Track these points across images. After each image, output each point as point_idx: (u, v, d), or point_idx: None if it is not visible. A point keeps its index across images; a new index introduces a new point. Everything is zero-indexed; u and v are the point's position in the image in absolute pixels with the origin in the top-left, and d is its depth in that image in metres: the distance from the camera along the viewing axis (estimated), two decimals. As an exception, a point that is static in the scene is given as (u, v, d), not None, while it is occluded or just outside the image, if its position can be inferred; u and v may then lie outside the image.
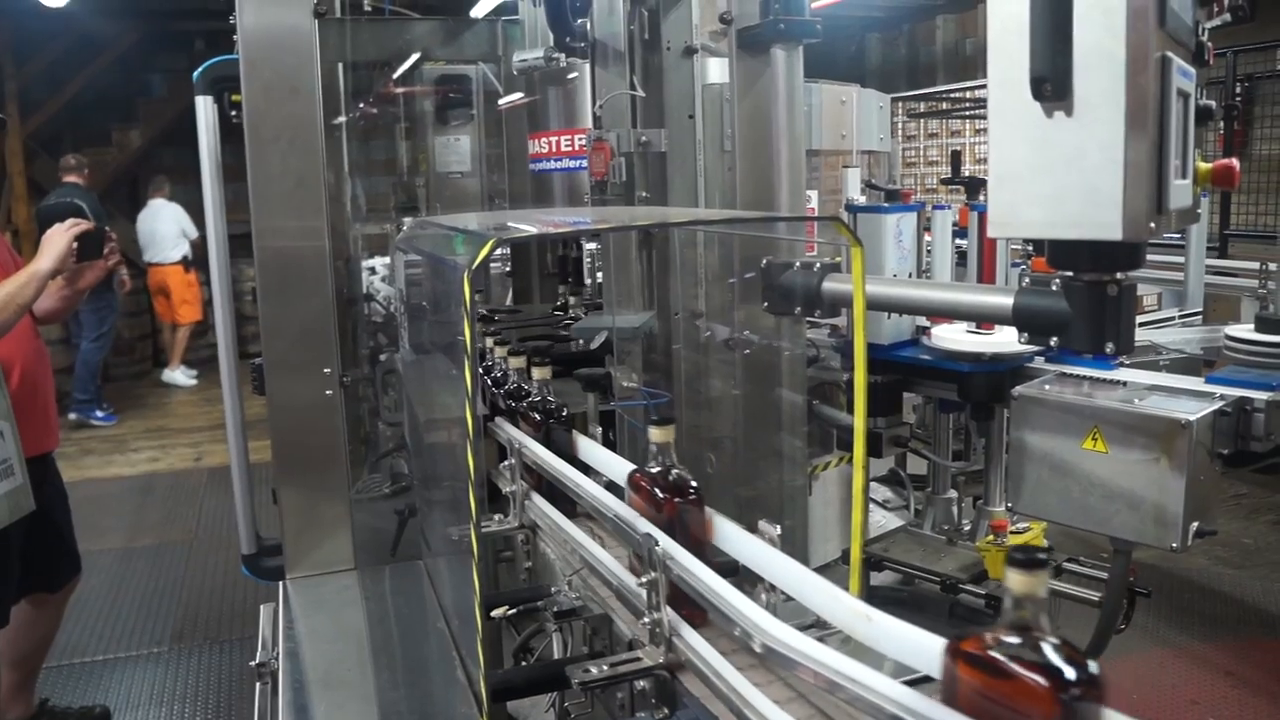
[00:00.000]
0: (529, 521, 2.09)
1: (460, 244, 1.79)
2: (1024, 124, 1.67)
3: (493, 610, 1.82)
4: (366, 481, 3.77)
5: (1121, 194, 1.59)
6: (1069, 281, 1.85)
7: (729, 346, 2.93)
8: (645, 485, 1.58)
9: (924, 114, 10.68)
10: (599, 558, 1.73)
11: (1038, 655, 0.86)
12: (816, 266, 2.61)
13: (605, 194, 3.01)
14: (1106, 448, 2.01)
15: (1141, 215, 1.60)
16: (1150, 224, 1.62)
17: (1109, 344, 1.80)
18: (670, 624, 1.44)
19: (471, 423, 1.39)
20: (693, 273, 3.07)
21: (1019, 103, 1.67)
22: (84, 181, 7.99)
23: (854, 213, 2.99)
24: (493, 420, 2.30)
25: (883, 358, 2.84)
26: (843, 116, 3.54)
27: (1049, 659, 0.85)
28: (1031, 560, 0.87)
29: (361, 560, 2.81)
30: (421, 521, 2.68)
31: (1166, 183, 1.63)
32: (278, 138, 2.61)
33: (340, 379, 2.73)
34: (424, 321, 2.26)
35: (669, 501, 1.53)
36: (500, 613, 1.83)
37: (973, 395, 2.67)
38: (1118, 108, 1.57)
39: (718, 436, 2.97)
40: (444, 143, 5.13)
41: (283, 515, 2.76)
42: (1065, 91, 1.61)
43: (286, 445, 2.73)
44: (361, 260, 4.81)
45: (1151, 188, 1.61)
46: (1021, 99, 1.66)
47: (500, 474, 2.21)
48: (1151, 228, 1.62)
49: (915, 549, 2.93)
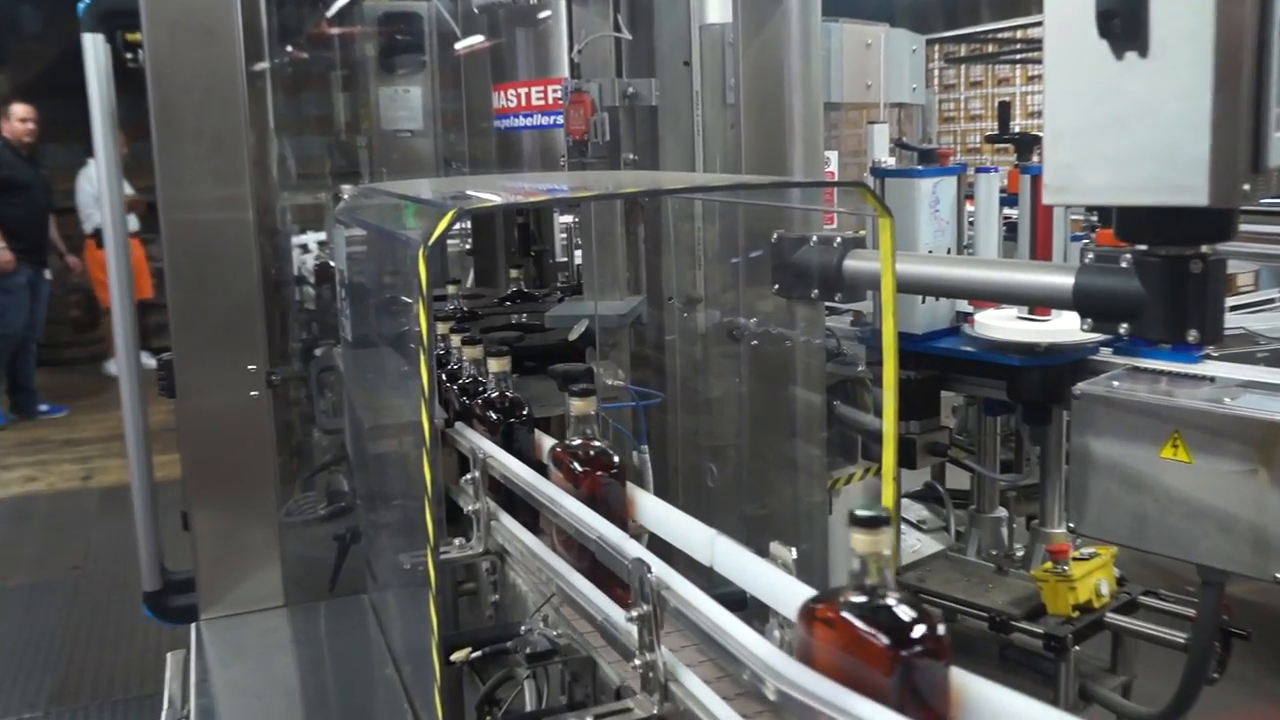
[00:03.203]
0: (496, 546, 2.09)
1: (413, 215, 1.79)
2: (1088, 69, 1.68)
3: (453, 653, 1.81)
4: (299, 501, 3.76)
5: (1208, 151, 1.59)
6: (1142, 257, 1.85)
7: (733, 337, 2.93)
8: (565, 459, 1.73)
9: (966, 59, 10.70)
10: (580, 588, 1.72)
11: (883, 614, 1.03)
12: (837, 242, 2.61)
13: (585, 156, 3.01)
14: (1190, 457, 2.01)
15: (1233, 176, 1.61)
16: (1244, 186, 1.62)
17: (1192, 331, 1.81)
18: (667, 667, 1.44)
19: (428, 429, 1.39)
20: (689, 250, 3.07)
21: (1082, 43, 1.67)
22: None
23: (881, 177, 2.99)
24: (452, 426, 2.29)
25: (917, 349, 2.84)
26: (868, 62, 3.55)
27: (894, 617, 1.02)
28: (873, 519, 1.03)
29: (293, 596, 2.81)
30: (366, 548, 2.67)
31: (1265, 136, 1.63)
32: (188, 88, 2.60)
33: (268, 377, 2.72)
34: (369, 309, 2.25)
35: (589, 476, 1.69)
36: (462, 656, 1.82)
37: (1025, 394, 2.67)
38: (1204, 46, 1.57)
39: (720, 444, 2.97)
40: (390, 95, 5.11)
41: (196, 543, 2.75)
42: (1139, 28, 1.61)
43: (201, 458, 2.72)
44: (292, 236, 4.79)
45: (1246, 143, 1.61)
46: (1085, 39, 1.66)
47: (462, 490, 2.20)
48: (1245, 191, 1.63)
49: (957, 579, 2.93)
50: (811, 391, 2.85)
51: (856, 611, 1.04)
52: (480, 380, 2.29)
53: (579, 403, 1.76)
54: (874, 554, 1.04)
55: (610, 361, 2.93)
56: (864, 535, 1.04)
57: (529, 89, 3.69)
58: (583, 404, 1.76)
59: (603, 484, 1.72)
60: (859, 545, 1.04)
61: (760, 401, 2.88)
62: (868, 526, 1.04)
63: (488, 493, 2.09)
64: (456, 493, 2.23)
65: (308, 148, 5.88)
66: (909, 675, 1.01)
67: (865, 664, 1.02)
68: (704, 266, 3.06)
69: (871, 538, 1.04)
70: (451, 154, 5.08)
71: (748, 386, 2.89)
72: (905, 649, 1.01)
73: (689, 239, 3.08)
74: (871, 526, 1.04)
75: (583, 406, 1.76)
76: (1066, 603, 2.56)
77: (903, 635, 1.02)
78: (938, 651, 1.03)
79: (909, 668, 1.01)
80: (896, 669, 1.01)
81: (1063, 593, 2.56)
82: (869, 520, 1.04)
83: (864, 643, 1.03)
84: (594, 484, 1.71)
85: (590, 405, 1.77)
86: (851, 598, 1.05)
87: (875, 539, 1.04)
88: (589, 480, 1.71)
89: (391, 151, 5.13)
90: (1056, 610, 2.58)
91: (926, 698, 1.02)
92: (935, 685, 1.03)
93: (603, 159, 3.01)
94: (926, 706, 1.02)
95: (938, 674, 1.03)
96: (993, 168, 3.24)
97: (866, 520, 1.04)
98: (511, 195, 1.99)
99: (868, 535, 1.04)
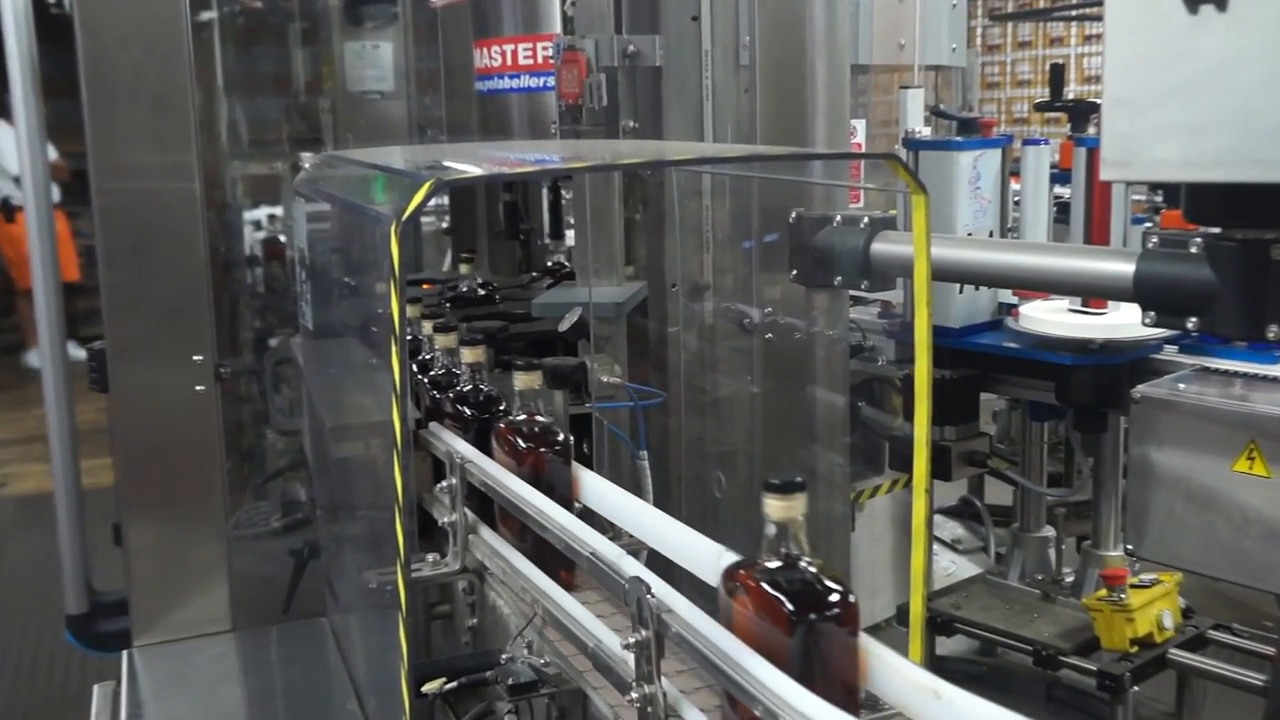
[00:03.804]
0: (475, 564, 2.09)
1: (384, 187, 1.79)
2: (1155, 26, 1.67)
3: (425, 684, 1.81)
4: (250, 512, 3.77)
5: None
6: (1214, 241, 1.85)
7: (744, 329, 2.93)
8: (508, 435, 1.90)
9: (1013, 15, 10.71)
10: (570, 610, 1.73)
11: (794, 580, 1.19)
12: (864, 222, 2.60)
13: (579, 123, 3.01)
14: (1268, 470, 2.01)
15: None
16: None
17: (1272, 327, 1.80)
18: (668, 701, 1.44)
19: (399, 429, 1.38)
20: (696, 231, 3.07)
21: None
22: None
23: (915, 149, 3.00)
24: (426, 427, 2.29)
25: (953, 346, 2.84)
26: (901, 18, 3.55)
27: (804, 583, 1.19)
28: (786, 484, 1.18)
29: (241, 619, 2.81)
30: (326, 565, 2.67)
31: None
32: (124, 39, 2.59)
33: (216, 370, 2.72)
34: (333, 293, 2.25)
35: (532, 452, 1.86)
36: (435, 687, 1.83)
37: (1077, 397, 2.68)
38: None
39: (729, 450, 2.97)
40: (356, 52, 5.11)
41: (129, 560, 2.75)
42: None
43: (137, 462, 2.72)
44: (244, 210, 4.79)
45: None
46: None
47: (437, 499, 2.20)
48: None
49: (997, 606, 2.94)
50: (833, 392, 2.85)
51: (768, 577, 1.21)
52: (457, 374, 2.29)
53: (523, 376, 1.95)
54: (788, 520, 1.20)
55: (606, 356, 2.93)
56: (778, 501, 1.20)
57: (515, 46, 3.68)
58: (527, 378, 1.96)
59: (546, 461, 1.87)
60: (774, 512, 1.20)
61: (775, 403, 2.88)
62: (781, 493, 1.19)
63: (466, 502, 2.09)
64: (430, 502, 2.23)
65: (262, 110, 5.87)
66: (813, 640, 1.18)
67: (774, 626, 1.18)
68: (712, 249, 3.06)
69: (785, 503, 1.20)
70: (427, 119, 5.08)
71: (761, 386, 2.89)
72: (816, 614, 1.18)
73: (696, 218, 3.07)
74: (785, 493, 1.19)
75: (526, 380, 1.96)
76: (1123, 636, 2.56)
77: (810, 600, 1.18)
78: (850, 620, 1.19)
79: (817, 634, 1.18)
80: (798, 632, 1.17)
81: (1119, 625, 2.56)
82: (783, 486, 1.19)
83: (772, 606, 1.19)
84: (537, 461, 1.86)
85: (534, 380, 1.96)
86: (766, 564, 1.22)
87: (790, 505, 1.20)
88: (532, 457, 1.87)
89: (358, 116, 5.14)
90: (1112, 645, 2.58)
91: (832, 665, 1.18)
92: (843, 653, 1.19)
93: (599, 127, 3.00)
94: (833, 673, 1.19)
95: (845, 641, 1.19)
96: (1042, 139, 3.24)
97: (780, 487, 1.19)
98: (496, 166, 1.99)
99: (781, 501, 1.19)
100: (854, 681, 1.20)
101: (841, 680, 1.19)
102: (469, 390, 2.22)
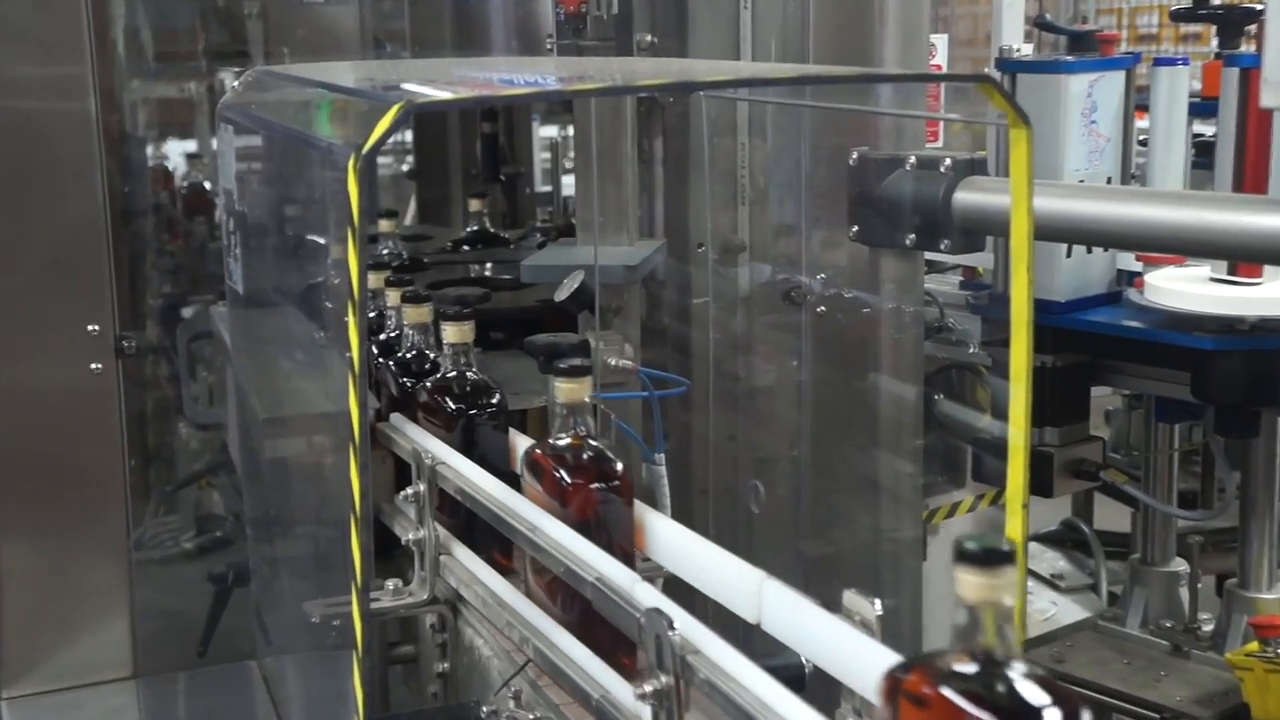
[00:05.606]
0: (447, 592, 2.10)
1: (335, 114, 1.79)
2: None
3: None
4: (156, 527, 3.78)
5: None
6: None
7: (791, 301, 2.95)
8: (547, 465, 1.73)
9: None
10: (567, 651, 1.74)
11: (1001, 689, 0.99)
12: (945, 165, 2.62)
13: (582, 37, 3.01)
14: None
15: None
16: None
17: None
18: (694, 769, 1.46)
19: (357, 421, 1.39)
20: (729, 176, 3.08)
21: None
22: None
23: (1013, 72, 3.00)
24: (387, 420, 2.31)
25: (1058, 324, 2.86)
26: (996, -96, 3.55)
27: (1015, 695, 0.98)
28: (990, 553, 0.99)
29: (146, 663, 2.82)
30: (257, 595, 2.68)
31: None
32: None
33: (117, 344, 2.73)
34: (269, 249, 2.26)
35: (581, 490, 1.69)
36: (396, 749, 1.85)
37: (1220, 393, 2.69)
38: None
39: (768, 456, 2.99)
40: (294, -59, 5.11)
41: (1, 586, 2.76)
42: None
43: (16, 461, 2.73)
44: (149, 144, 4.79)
45: None
46: None
47: (399, 510, 2.22)
48: None
49: (1112, 660, 2.95)
50: (902, 382, 2.86)
51: (962, 686, 1.00)
52: (428, 355, 2.31)
53: (567, 386, 1.76)
54: (990, 603, 1.00)
55: (614, 333, 2.94)
56: (976, 576, 1.00)
57: (500, -65, 3.70)
58: (571, 388, 1.76)
59: (598, 500, 1.72)
60: (969, 591, 1.01)
61: (828, 394, 2.89)
62: (982, 564, 0.99)
63: (437, 514, 2.10)
64: (391, 514, 2.25)
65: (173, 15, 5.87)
66: None
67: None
68: (750, 201, 3.07)
69: (987, 580, 1.00)
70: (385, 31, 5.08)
71: (811, 373, 2.90)
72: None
73: (729, 160, 3.08)
74: (987, 564, 0.99)
75: (571, 391, 1.76)
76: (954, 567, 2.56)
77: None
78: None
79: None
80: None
81: (1275, 687, 2.57)
82: (984, 555, 0.99)
83: None
84: (588, 502, 1.71)
85: (583, 389, 1.77)
86: (955, 666, 1.02)
87: (992, 582, 1.00)
88: (582, 495, 1.71)
89: (295, 25, 5.12)
90: (1265, 713, 2.59)
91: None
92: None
93: (607, 41, 3.01)
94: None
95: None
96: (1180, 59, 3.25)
97: (980, 555, 0.99)
98: (475, 88, 1.99)
99: (982, 577, 1.00)
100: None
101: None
102: (450, 378, 2.21)
